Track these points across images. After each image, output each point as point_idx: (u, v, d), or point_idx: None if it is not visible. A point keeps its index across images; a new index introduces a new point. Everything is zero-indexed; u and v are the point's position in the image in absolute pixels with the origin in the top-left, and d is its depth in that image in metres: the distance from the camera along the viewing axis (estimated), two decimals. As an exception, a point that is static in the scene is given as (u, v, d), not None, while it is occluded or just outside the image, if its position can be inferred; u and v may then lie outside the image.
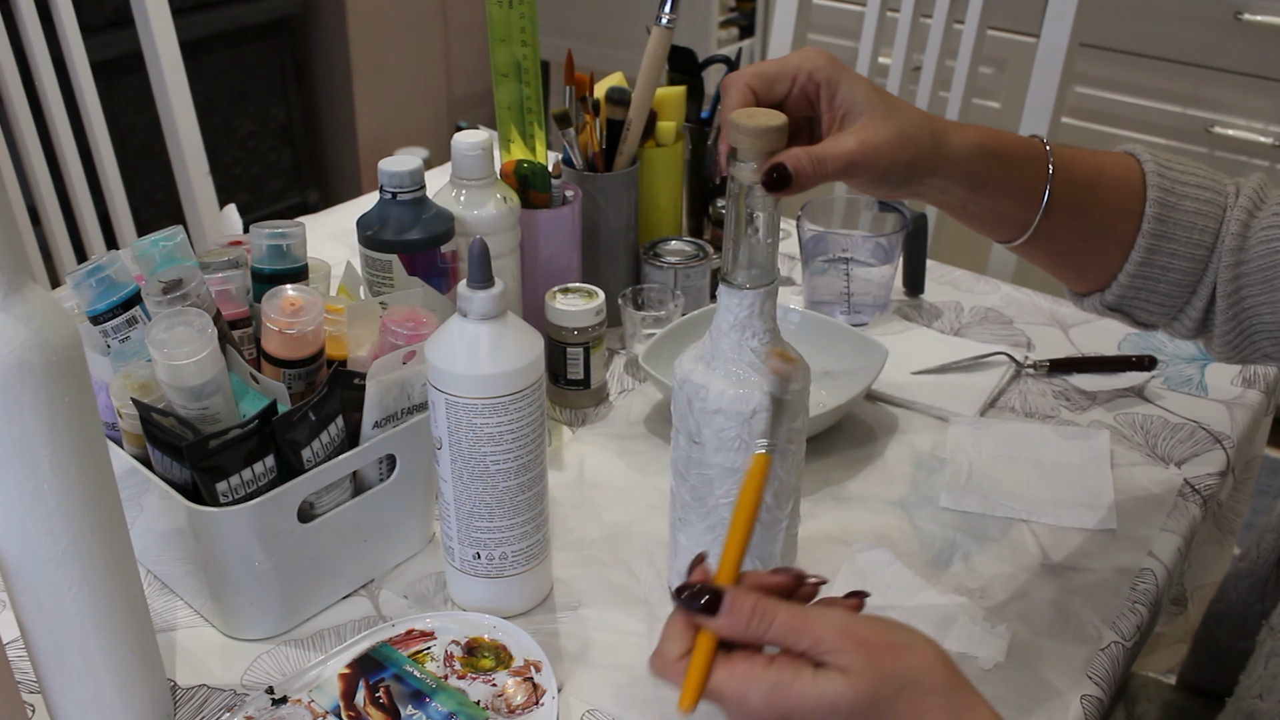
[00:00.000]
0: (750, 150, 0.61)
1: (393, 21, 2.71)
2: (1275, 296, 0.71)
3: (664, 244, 1.07)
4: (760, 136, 0.60)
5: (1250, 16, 2.00)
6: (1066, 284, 0.79)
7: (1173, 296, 0.74)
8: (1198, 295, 0.74)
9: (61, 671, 0.62)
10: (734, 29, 2.71)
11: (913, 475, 0.91)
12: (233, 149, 2.53)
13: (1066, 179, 0.70)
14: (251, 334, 0.78)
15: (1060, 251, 0.75)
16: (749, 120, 0.60)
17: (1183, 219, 0.72)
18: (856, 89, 0.64)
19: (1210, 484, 0.90)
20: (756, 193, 0.62)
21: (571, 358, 0.96)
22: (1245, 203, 0.72)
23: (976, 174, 0.67)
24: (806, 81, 0.65)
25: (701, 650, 0.53)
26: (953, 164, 0.66)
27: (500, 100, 0.95)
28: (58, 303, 0.56)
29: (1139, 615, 0.77)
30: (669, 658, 0.54)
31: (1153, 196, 0.72)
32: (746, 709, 0.52)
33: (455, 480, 0.71)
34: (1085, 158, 0.72)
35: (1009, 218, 0.71)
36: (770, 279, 0.65)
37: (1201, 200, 0.72)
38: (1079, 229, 0.73)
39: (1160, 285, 0.74)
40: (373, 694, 0.69)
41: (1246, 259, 0.71)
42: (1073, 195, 0.71)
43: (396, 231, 0.88)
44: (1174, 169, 0.73)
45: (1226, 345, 0.75)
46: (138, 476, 0.71)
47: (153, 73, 1.42)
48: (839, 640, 0.52)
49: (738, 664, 0.53)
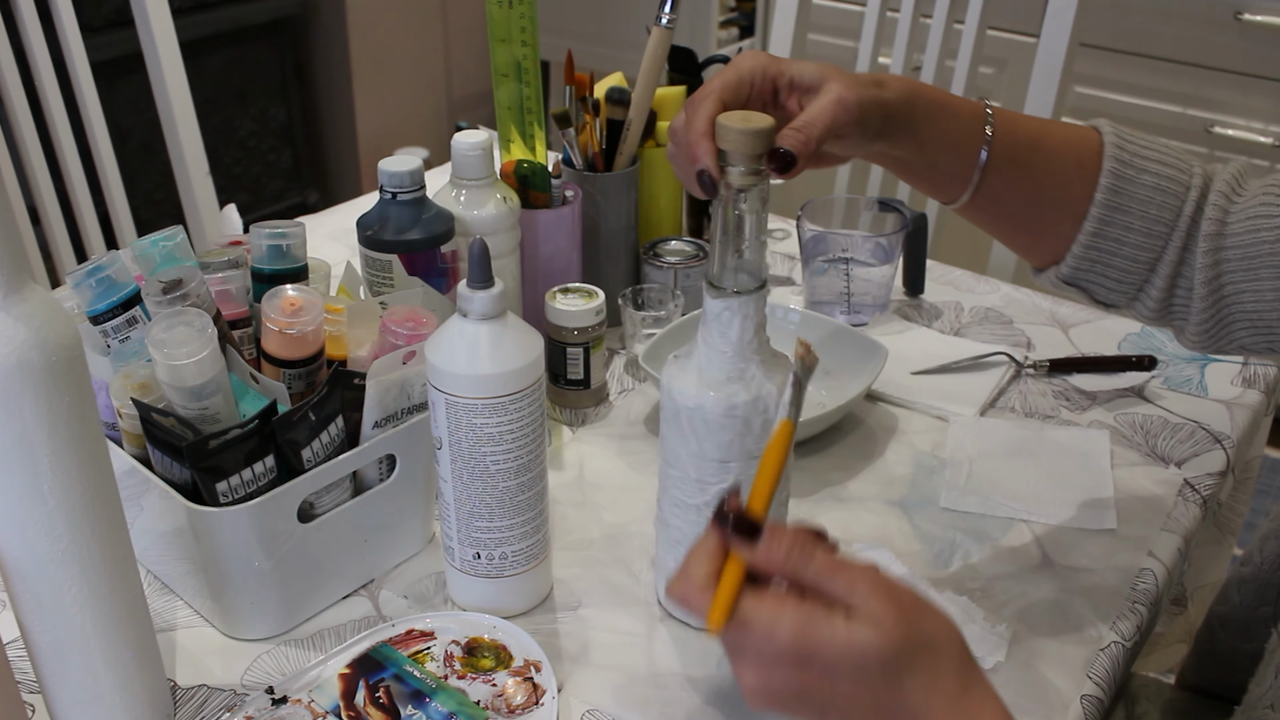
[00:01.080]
0: (742, 152, 0.61)
1: (393, 21, 2.71)
2: (1258, 285, 0.70)
3: (664, 244, 1.07)
4: (755, 137, 0.61)
5: (1250, 16, 2.00)
6: (1025, 257, 0.78)
7: (1130, 273, 0.73)
8: (1157, 274, 0.73)
9: (61, 671, 0.62)
10: (734, 29, 2.71)
11: (913, 475, 0.91)
12: (233, 149, 2.53)
13: (1008, 134, 0.70)
14: (251, 334, 0.78)
15: (1008, 216, 0.74)
16: (741, 123, 0.61)
17: (1139, 193, 0.71)
18: (803, 66, 0.66)
19: (1210, 484, 0.90)
20: (746, 197, 0.62)
21: (571, 358, 0.96)
22: (1223, 188, 0.72)
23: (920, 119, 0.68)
24: (760, 80, 0.66)
25: (732, 573, 0.52)
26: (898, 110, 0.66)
27: (500, 100, 0.95)
28: (58, 303, 0.56)
29: (1139, 615, 0.77)
30: (695, 579, 0.53)
31: (1108, 167, 0.71)
32: (772, 642, 0.51)
33: (455, 480, 0.71)
34: (1032, 120, 0.73)
35: (951, 171, 0.71)
36: (759, 284, 0.65)
37: (1162, 176, 0.71)
38: (1025, 191, 0.72)
39: (1116, 260, 0.73)
40: (373, 694, 0.69)
41: (1227, 245, 0.71)
42: (1014, 152, 0.70)
43: (396, 231, 0.88)
44: (1136, 142, 0.72)
45: (1203, 334, 0.74)
46: (138, 476, 0.71)
47: (153, 73, 1.42)
48: (873, 590, 0.52)
49: (768, 596, 0.52)
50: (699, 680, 0.71)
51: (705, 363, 0.67)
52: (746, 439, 0.67)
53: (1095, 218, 0.72)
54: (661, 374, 0.70)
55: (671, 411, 0.69)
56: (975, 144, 0.70)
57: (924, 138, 0.68)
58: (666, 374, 0.69)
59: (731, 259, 0.64)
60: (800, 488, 0.89)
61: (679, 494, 0.71)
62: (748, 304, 0.65)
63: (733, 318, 0.65)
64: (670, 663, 0.73)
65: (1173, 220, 0.72)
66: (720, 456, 0.68)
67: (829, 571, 0.53)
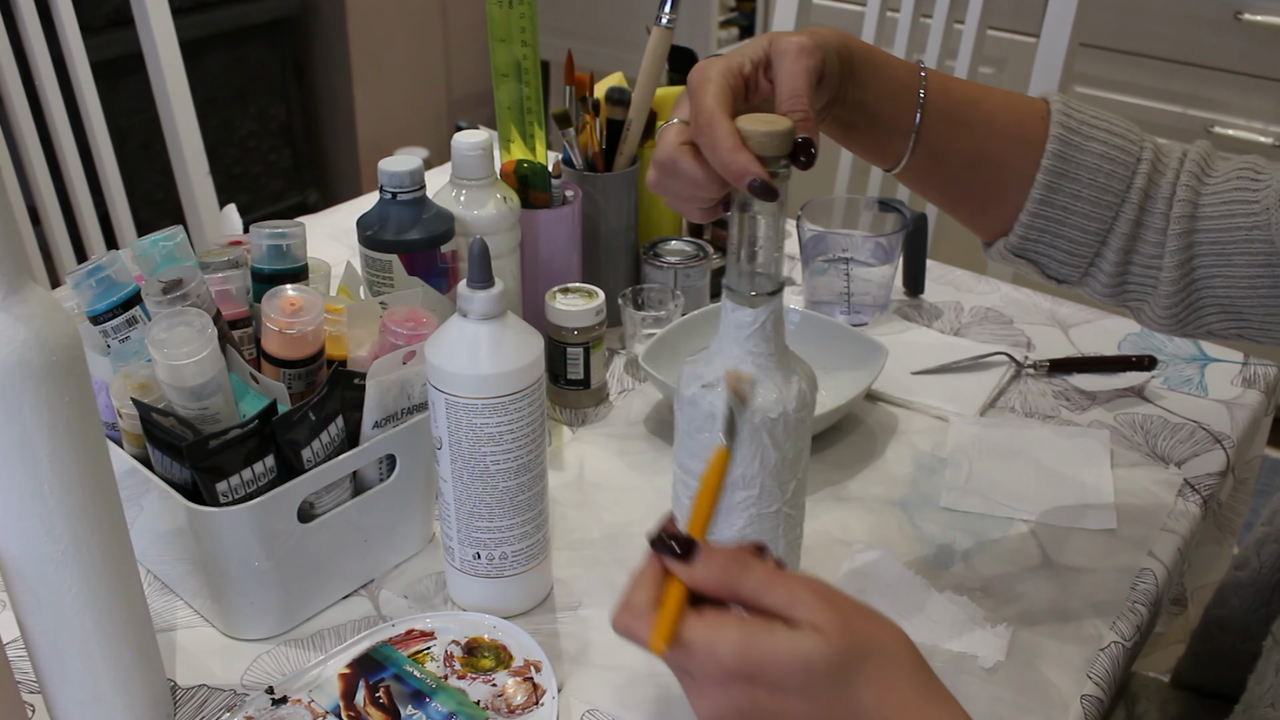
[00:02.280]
0: (770, 155, 0.60)
1: (393, 21, 2.71)
2: (1231, 270, 0.70)
3: (664, 244, 1.07)
4: (783, 138, 0.60)
5: (1250, 16, 2.01)
6: (973, 229, 0.77)
7: (1079, 245, 0.72)
8: (1108, 248, 0.72)
9: (61, 671, 0.62)
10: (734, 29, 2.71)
11: (913, 475, 0.91)
12: (233, 149, 2.53)
13: (943, 90, 0.69)
14: (251, 334, 0.78)
15: (952, 182, 0.73)
16: (762, 126, 0.60)
17: (1087, 160, 0.70)
18: (746, 47, 0.64)
19: (1210, 484, 0.90)
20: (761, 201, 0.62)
21: (571, 358, 0.96)
22: (1193, 168, 0.71)
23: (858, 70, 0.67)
24: (736, 81, 0.65)
25: (674, 596, 0.52)
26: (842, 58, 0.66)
27: (500, 100, 0.95)
28: (58, 303, 0.56)
29: (1139, 615, 0.77)
30: (637, 606, 0.52)
31: (1055, 133, 0.70)
32: (715, 662, 0.50)
33: (455, 480, 0.71)
34: (970, 83, 0.72)
35: (890, 127, 0.69)
36: (776, 286, 0.65)
37: (1111, 145, 0.71)
38: (966, 151, 0.71)
39: (1065, 230, 0.72)
40: (373, 694, 0.69)
41: (1200, 228, 0.70)
42: (952, 108, 0.70)
43: (396, 231, 0.88)
44: (1083, 112, 0.72)
45: (1170, 317, 0.74)
46: (138, 476, 0.71)
47: (153, 73, 1.42)
48: (814, 599, 0.51)
49: (709, 614, 0.51)
50: (699, 680, 0.71)
51: (711, 356, 0.67)
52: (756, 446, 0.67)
53: (1041, 184, 0.71)
54: (679, 379, 0.69)
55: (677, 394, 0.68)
56: (911, 97, 0.69)
57: (865, 92, 0.67)
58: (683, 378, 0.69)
59: (748, 264, 0.64)
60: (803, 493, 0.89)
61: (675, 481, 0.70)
62: (764, 309, 0.65)
63: (751, 323, 0.65)
64: (670, 663, 0.73)
65: (1122, 191, 0.71)
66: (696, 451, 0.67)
67: (768, 584, 0.51)
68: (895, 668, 0.51)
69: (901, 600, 0.77)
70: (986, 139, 0.71)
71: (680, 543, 0.53)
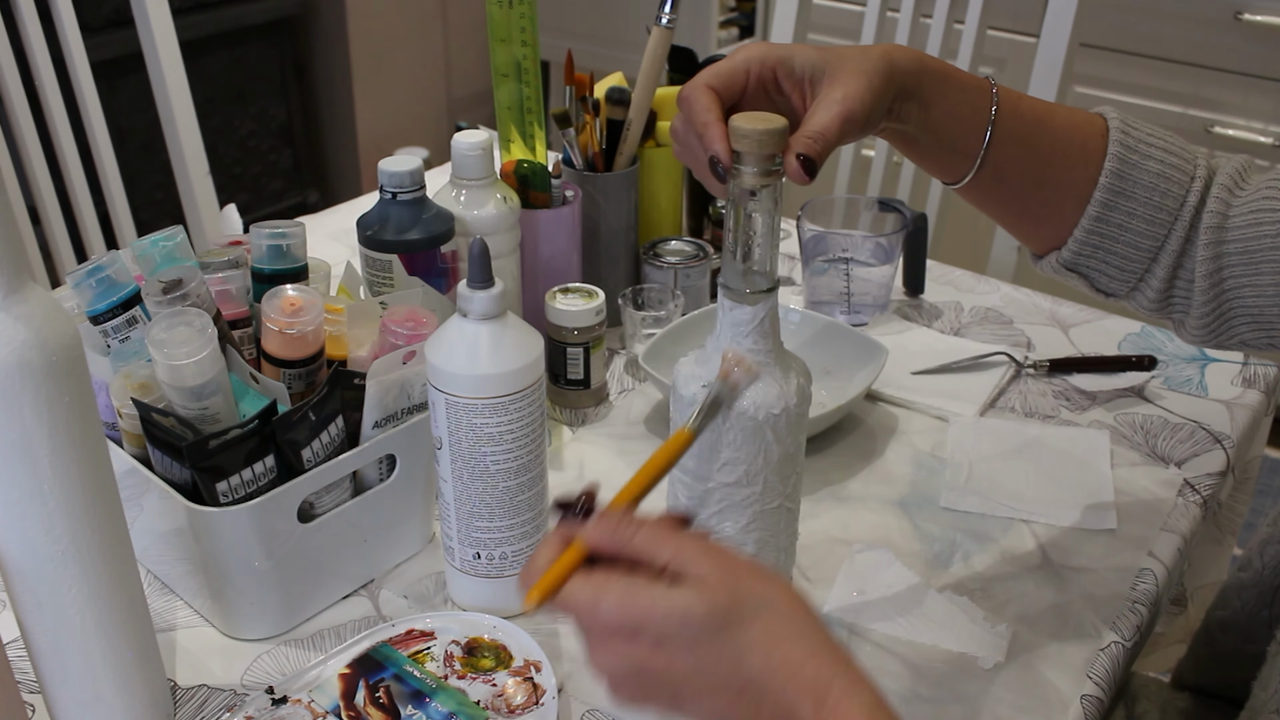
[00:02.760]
0: (756, 153, 0.61)
1: (393, 21, 2.71)
2: (1259, 279, 0.70)
3: (664, 244, 1.07)
4: (768, 137, 0.60)
5: (1250, 16, 2.00)
6: (1025, 243, 0.78)
7: (1131, 261, 0.73)
8: (1158, 264, 0.73)
9: (61, 671, 0.62)
10: (734, 29, 2.71)
11: (913, 475, 0.91)
12: (233, 149, 2.53)
13: (1013, 111, 0.70)
14: (251, 334, 0.78)
15: (1011, 198, 0.74)
16: (754, 123, 0.60)
17: (1143, 179, 0.71)
18: (808, 55, 0.65)
19: (1210, 484, 0.90)
20: (759, 198, 0.62)
21: (571, 358, 0.96)
22: (1226, 180, 0.71)
23: (924, 94, 0.67)
24: (761, 69, 0.65)
25: (566, 557, 0.53)
26: (906, 84, 0.66)
27: (500, 100, 0.95)
28: (58, 303, 0.56)
29: (1139, 615, 0.77)
30: (535, 564, 0.53)
31: (1113, 151, 0.71)
32: (598, 619, 0.51)
33: (455, 480, 0.71)
34: (1037, 100, 0.72)
35: (956, 147, 0.70)
36: (771, 284, 0.65)
37: (1166, 164, 0.71)
38: (1029, 172, 0.72)
39: (1118, 247, 0.73)
40: (373, 694, 0.69)
41: (1229, 239, 0.70)
42: (1020, 129, 0.70)
43: (396, 231, 0.88)
44: (1140, 129, 0.72)
45: (1203, 328, 0.74)
46: (138, 476, 0.71)
47: (153, 73, 1.42)
48: (699, 554, 0.51)
49: (595, 574, 0.52)
50: (699, 680, 0.71)
51: (707, 356, 0.67)
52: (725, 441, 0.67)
53: (1099, 202, 0.71)
54: (673, 376, 0.69)
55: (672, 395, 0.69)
56: (981, 120, 0.69)
57: (931, 113, 0.68)
58: (679, 376, 0.69)
59: (743, 261, 0.64)
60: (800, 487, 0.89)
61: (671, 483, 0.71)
62: (761, 306, 0.65)
63: (750, 320, 0.65)
64: (670, 663, 0.73)
65: (1175, 209, 0.72)
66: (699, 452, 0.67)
67: (656, 539, 0.52)
68: (782, 622, 0.50)
69: (901, 600, 0.77)
70: (1050, 160, 0.72)
71: (581, 505, 0.54)
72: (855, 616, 0.76)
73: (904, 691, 0.70)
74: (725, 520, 0.69)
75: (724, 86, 0.65)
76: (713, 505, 0.69)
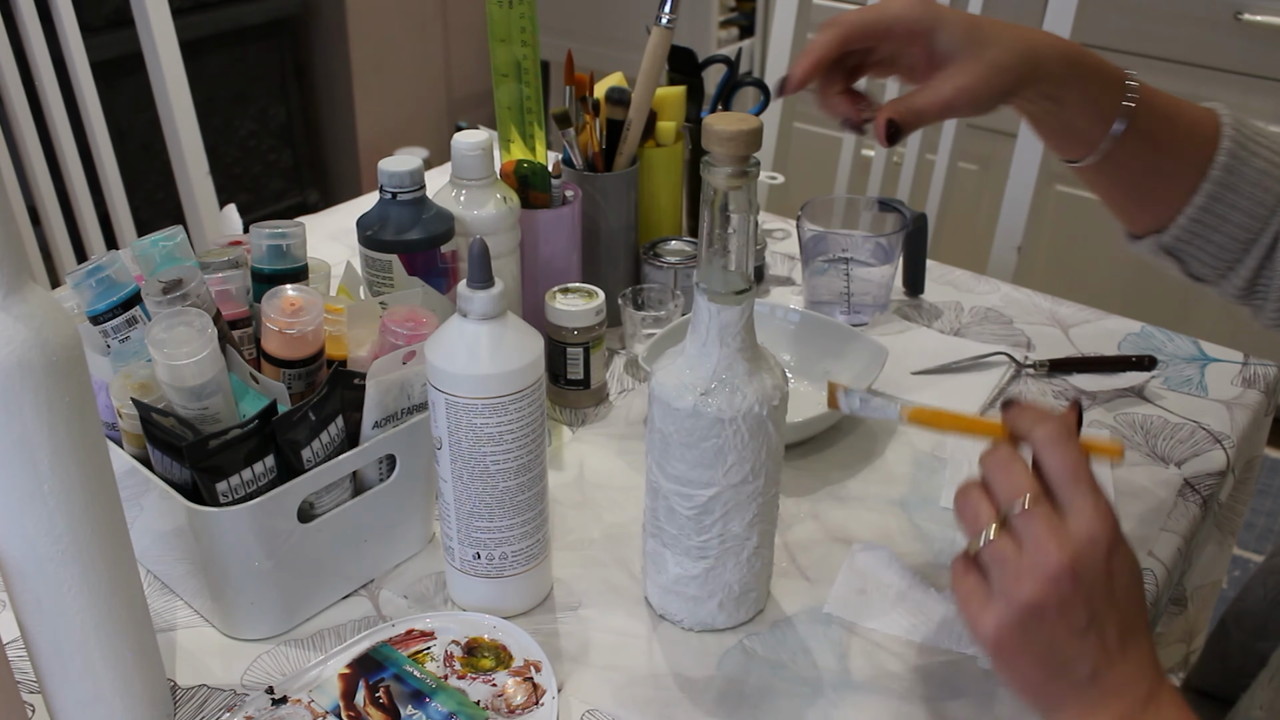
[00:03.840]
0: (726, 154, 0.61)
1: (393, 21, 2.72)
2: None
3: (664, 244, 1.07)
4: (736, 141, 0.61)
5: (1250, 16, 2.01)
6: (1126, 223, 0.81)
7: (1227, 250, 0.76)
8: (1250, 255, 0.76)
9: (61, 671, 0.62)
10: (734, 29, 2.71)
11: (913, 475, 0.91)
12: (233, 149, 2.53)
13: (1149, 107, 0.73)
14: (251, 334, 0.78)
15: (1126, 182, 0.77)
16: (726, 125, 0.61)
17: (1250, 174, 0.74)
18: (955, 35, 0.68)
19: (1210, 484, 0.90)
20: (732, 199, 0.62)
21: (571, 358, 0.96)
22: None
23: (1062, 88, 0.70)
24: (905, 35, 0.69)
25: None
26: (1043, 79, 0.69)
27: (500, 100, 0.95)
28: (58, 303, 0.56)
29: (1139, 615, 0.77)
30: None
31: (1225, 146, 0.74)
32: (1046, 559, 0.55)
33: (455, 480, 0.71)
34: (1167, 97, 0.75)
35: (1082, 134, 0.73)
36: (746, 285, 0.65)
37: (1271, 162, 0.75)
38: (1148, 162, 0.75)
39: (1216, 236, 0.76)
40: (373, 694, 0.69)
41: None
42: (1152, 124, 0.73)
43: (396, 231, 0.88)
44: (1250, 126, 0.76)
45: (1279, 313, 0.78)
46: (138, 476, 0.71)
47: (153, 73, 1.42)
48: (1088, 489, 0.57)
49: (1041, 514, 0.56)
50: (699, 681, 0.71)
51: (693, 364, 0.67)
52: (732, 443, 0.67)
53: (1206, 192, 0.75)
54: (656, 385, 0.69)
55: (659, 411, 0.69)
56: (1111, 112, 0.72)
57: (1064, 103, 0.71)
58: (656, 375, 0.69)
59: (718, 260, 0.65)
60: (800, 487, 0.89)
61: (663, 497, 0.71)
62: (746, 305, 0.65)
63: (738, 320, 0.65)
64: (670, 663, 0.73)
65: (1274, 204, 0.75)
66: (702, 460, 0.68)
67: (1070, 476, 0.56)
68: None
69: (902, 600, 0.77)
70: (1168, 152, 0.75)
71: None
72: (855, 616, 0.76)
73: (904, 691, 0.70)
74: (732, 520, 0.70)
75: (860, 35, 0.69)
76: (717, 510, 0.69)
